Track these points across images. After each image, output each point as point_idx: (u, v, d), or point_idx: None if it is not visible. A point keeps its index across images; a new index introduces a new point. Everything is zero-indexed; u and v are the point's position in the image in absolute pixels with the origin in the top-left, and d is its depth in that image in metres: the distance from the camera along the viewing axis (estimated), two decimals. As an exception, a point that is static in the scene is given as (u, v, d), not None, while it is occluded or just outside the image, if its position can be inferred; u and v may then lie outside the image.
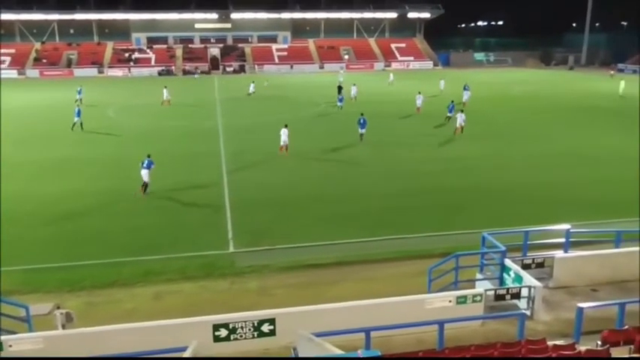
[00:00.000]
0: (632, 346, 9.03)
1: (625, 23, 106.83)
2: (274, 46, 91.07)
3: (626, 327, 9.74)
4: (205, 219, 19.61)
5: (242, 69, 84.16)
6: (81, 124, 35.27)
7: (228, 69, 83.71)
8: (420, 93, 43.74)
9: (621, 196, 21.62)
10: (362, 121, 32.93)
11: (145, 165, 22.11)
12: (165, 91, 48.18)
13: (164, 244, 17.21)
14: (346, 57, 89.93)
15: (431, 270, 13.45)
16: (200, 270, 15.54)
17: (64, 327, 11.23)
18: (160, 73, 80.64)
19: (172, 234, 18.12)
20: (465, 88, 47.15)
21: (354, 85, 50.54)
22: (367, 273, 15.52)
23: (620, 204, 20.61)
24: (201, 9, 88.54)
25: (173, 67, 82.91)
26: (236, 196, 21.95)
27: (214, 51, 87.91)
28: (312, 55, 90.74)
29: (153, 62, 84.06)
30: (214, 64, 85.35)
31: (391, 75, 59.68)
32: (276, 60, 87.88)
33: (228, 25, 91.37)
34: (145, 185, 22.10)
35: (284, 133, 29.15)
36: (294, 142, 29.51)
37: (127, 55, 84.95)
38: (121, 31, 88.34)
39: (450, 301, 11.72)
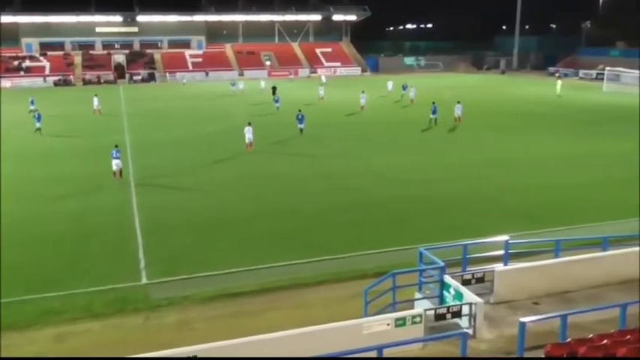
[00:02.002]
0: (575, 360, 9.50)
1: (554, 26, 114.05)
2: (187, 52, 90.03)
3: (569, 340, 10.26)
4: (112, 247, 18.94)
5: (152, 77, 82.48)
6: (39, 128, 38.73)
7: (135, 77, 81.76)
8: (363, 92, 49.69)
9: (557, 203, 22.90)
10: (300, 116, 37.56)
11: (114, 155, 26.88)
12: (95, 99, 48.74)
13: (65, 279, 16.44)
14: (268, 63, 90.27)
15: (366, 291, 13.61)
16: (109, 306, 14.95)
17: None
18: (56, 83, 77.56)
19: (74, 266, 17.36)
20: (403, 87, 56.04)
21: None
22: (298, 299, 15.50)
23: (556, 211, 21.81)
24: (103, 11, 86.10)
25: (72, 76, 79.97)
26: (148, 220, 21.38)
27: (119, 58, 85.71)
28: (230, 61, 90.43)
29: (47, 71, 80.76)
30: (120, 72, 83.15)
31: (321, 90, 57.72)
32: (190, 67, 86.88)
33: (135, 29, 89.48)
34: (120, 171, 26.82)
35: (248, 131, 32.76)
36: (207, 159, 29.23)
37: (16, 63, 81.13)
38: (8, 35, 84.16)
39: (388, 324, 11.88)
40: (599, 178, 26.78)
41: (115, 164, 26.99)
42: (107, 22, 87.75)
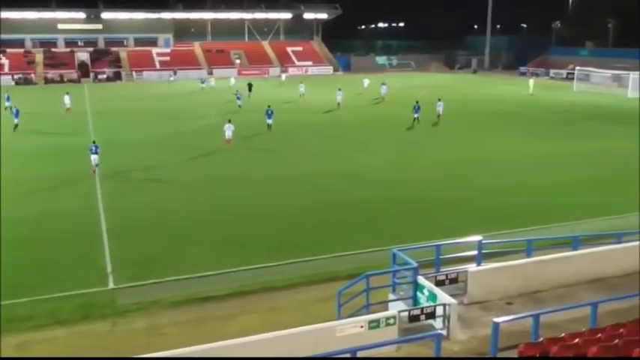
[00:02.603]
0: (547, 359, 9.70)
1: (525, 26, 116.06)
2: (154, 50, 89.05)
3: (541, 339, 10.47)
4: (78, 251, 18.67)
5: (117, 76, 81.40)
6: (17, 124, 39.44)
7: (100, 76, 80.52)
8: (340, 89, 51.02)
9: (530, 203, 23.33)
10: (269, 112, 39.01)
11: (93, 151, 28.04)
12: (67, 97, 48.47)
13: (28, 284, 16.14)
14: (238, 61, 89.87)
15: (340, 293, 13.68)
16: (75, 312, 14.74)
17: None
18: (17, 82, 75.96)
19: (37, 272, 17.05)
20: (383, 84, 57.56)
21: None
22: (270, 302, 15.50)
23: (529, 210, 22.22)
24: (65, 7, 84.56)
25: (33, 75, 78.40)
26: (115, 223, 21.13)
27: (83, 56, 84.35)
28: (199, 60, 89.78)
29: (7, 69, 79.00)
30: (84, 70, 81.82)
31: (302, 87, 59.12)
32: (157, 65, 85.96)
33: (99, 26, 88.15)
34: (96, 165, 27.92)
35: (228, 128, 34.31)
36: (177, 159, 29.01)
37: (-27, 61, 79.25)
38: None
39: (361, 327, 11.96)
40: (571, 177, 27.36)
41: (93, 159, 28.07)
42: (70, 19, 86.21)
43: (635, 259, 15.83)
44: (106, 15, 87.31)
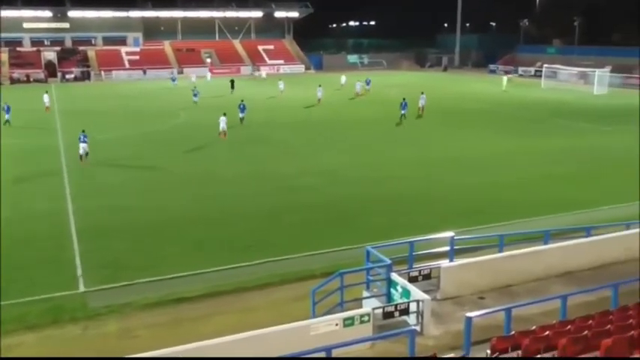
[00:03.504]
0: (519, 351, 9.85)
1: (493, 24, 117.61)
2: (123, 49, 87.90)
3: (513, 332, 10.63)
4: (47, 254, 18.32)
5: (86, 75, 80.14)
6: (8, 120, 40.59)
7: (68, 76, 79.18)
8: (320, 86, 52.43)
9: (502, 199, 23.64)
10: (242, 106, 40.21)
11: (81, 139, 29.55)
12: (46, 96, 48.26)
13: (-5, 289, 15.80)
14: (208, 60, 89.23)
15: (314, 292, 13.68)
16: (44, 316, 14.46)
17: None
18: (-19, 83, 74.30)
19: (5, 276, 16.65)
20: (367, 82, 60.73)
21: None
22: (244, 302, 15.42)
23: (501, 206, 22.51)
24: (31, 5, 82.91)
25: (-3, 75, 76.78)
26: (85, 225, 20.80)
27: (50, 55, 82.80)
28: (169, 59, 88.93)
29: (-30, 69, 77.24)
30: (51, 70, 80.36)
31: (281, 84, 60.48)
32: (127, 65, 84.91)
33: (66, 25, 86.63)
34: (86, 154, 29.53)
35: (222, 121, 35.55)
36: (147, 159, 28.67)
37: None
38: None
39: (336, 325, 12.00)
40: (540, 174, 27.77)
41: (82, 148, 29.56)
42: (36, 18, 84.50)
43: (603, 252, 16.19)
44: (72, 13, 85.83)
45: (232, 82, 61.25)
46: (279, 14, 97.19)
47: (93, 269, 17.15)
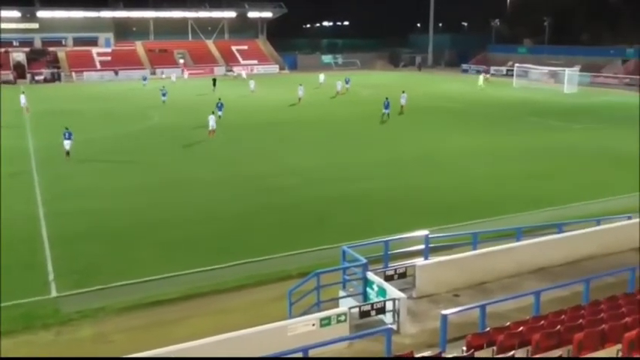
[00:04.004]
0: (494, 347, 9.97)
1: (466, 24, 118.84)
2: (94, 50, 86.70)
3: (488, 329, 10.75)
4: (17, 260, 17.94)
5: (56, 77, 78.87)
6: None
7: (38, 77, 77.76)
8: (301, 85, 53.40)
9: (475, 196, 23.90)
10: (219, 105, 41.26)
11: (66, 137, 30.51)
12: (22, 97, 47.82)
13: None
14: (182, 61, 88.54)
15: (290, 292, 13.67)
16: (14, 323, 14.17)
17: None
18: (-53, 85, 72.63)
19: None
20: (346, 81, 61.82)
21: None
22: (220, 304, 15.34)
23: (474, 204, 22.75)
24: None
25: (-35, 77, 75.12)
26: (57, 229, 20.47)
27: (19, 56, 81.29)
28: (142, 60, 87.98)
29: (-64, 71, 75.47)
30: (20, 71, 78.88)
31: (252, 83, 62.47)
32: (98, 66, 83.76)
33: (35, 26, 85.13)
34: (68, 151, 30.32)
35: (211, 119, 36.14)
36: (120, 162, 28.37)
37: None
38: None
39: (313, 325, 11.99)
40: (512, 171, 28.16)
41: (67, 144, 30.44)
42: (4, 18, 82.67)
43: (575, 248, 16.46)
44: (42, 14, 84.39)
45: (214, 80, 63.34)
46: (252, 14, 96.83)
47: (65, 274, 16.89)
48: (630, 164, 28.70)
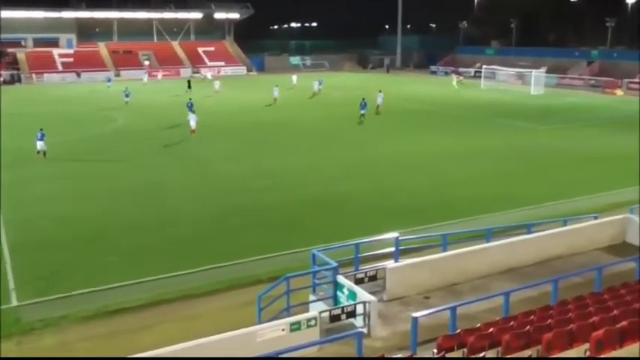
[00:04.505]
0: (465, 349, 10.05)
1: (434, 25, 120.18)
2: (56, 51, 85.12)
3: (458, 331, 10.84)
4: (-24, 268, 17.51)
5: (16, 79, 77.17)
6: None
7: (-4, 79, 76.07)
8: (276, 86, 54.37)
9: (445, 198, 24.13)
10: (190, 105, 41.39)
11: (39, 137, 31.21)
12: None
13: None
14: (147, 63, 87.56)
15: (260, 297, 13.58)
16: (-27, 333, 13.82)
17: None
18: None
19: None
20: (319, 83, 63.36)
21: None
22: (188, 310, 15.18)
23: (444, 206, 22.97)
24: (-45, 5, 79.36)
25: None
26: (18, 235, 20.01)
27: (-24, 58, 79.46)
28: (105, 61, 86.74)
29: None
30: (-23, 73, 77.05)
31: (216, 84, 63.84)
32: (60, 67, 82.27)
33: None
34: (44, 152, 31.19)
35: (192, 119, 37.17)
36: (84, 167, 27.94)
37: None
38: None
39: (283, 330, 11.94)
40: (481, 172, 28.53)
41: (39, 145, 31.10)
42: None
43: (545, 248, 16.74)
44: (0, 14, 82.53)
45: (189, 82, 64.74)
46: (219, 15, 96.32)
47: (26, 282, 16.51)
48: (595, 164, 29.35)
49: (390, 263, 15.47)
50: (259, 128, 41.38)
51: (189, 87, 62.88)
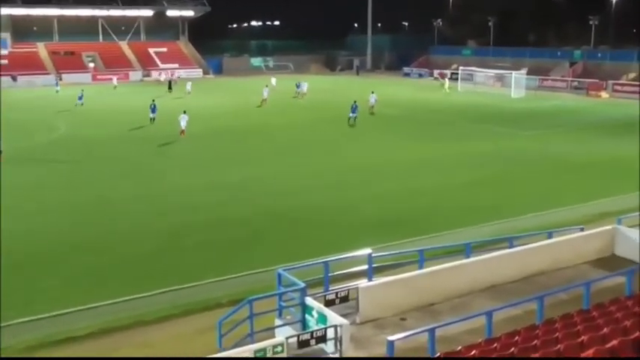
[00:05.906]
0: (445, 374, 10.16)
1: (406, 24, 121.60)
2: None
3: (438, 354, 10.94)
4: None
5: (-58, 83, 75.45)
6: None
7: None
8: (267, 86, 57.94)
9: (420, 209, 24.37)
10: (153, 107, 44.31)
11: None
12: None
13: None
14: (91, 65, 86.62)
15: (221, 323, 13.51)
16: None
17: None
18: None
19: None
20: (297, 85, 65.22)
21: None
22: (142, 337, 15.02)
23: (419, 218, 23.20)
24: None
25: None
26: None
27: None
28: (45, 63, 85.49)
29: None
30: None
31: (188, 85, 66.75)
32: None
33: None
34: None
35: (183, 119, 39.26)
36: (23, 180, 27.47)
37: None
38: None
39: (246, 358, 11.89)
40: (458, 180, 28.88)
41: None
42: None
43: (528, 263, 16.98)
44: None
45: (170, 83, 70.03)
46: (171, 13, 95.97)
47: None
48: (580, 172, 30.01)
49: (362, 282, 15.51)
50: (223, 134, 41.31)
51: (170, 88, 67.80)
